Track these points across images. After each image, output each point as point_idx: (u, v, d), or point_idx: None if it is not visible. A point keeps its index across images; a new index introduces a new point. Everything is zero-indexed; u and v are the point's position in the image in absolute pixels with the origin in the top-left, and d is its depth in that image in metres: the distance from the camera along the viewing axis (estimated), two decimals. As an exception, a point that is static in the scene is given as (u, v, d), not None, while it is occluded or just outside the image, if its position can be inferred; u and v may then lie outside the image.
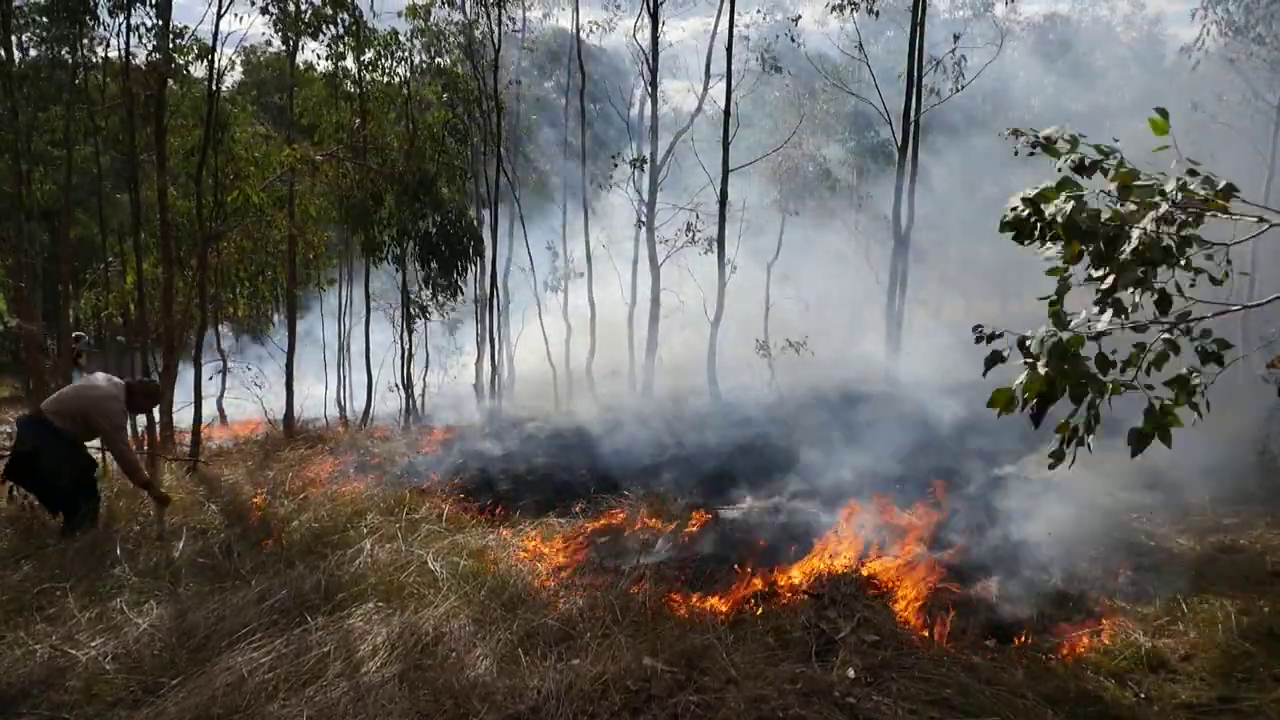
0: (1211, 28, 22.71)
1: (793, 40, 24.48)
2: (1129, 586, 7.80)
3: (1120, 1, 43.89)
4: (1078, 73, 37.78)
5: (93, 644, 6.19)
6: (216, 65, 14.10)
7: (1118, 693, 5.95)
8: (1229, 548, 9.04)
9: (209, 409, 17.22)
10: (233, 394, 19.97)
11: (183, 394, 14.41)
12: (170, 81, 15.01)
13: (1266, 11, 22.34)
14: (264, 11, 14.72)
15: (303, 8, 17.69)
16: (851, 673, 6.02)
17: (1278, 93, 22.22)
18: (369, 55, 18.49)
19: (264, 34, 17.01)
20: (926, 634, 6.69)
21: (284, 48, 18.75)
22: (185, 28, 14.48)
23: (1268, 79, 22.95)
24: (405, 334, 18.47)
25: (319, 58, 19.10)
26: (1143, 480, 10.96)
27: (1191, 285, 4.26)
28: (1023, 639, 6.71)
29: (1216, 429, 12.60)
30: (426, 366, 20.45)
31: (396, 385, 18.94)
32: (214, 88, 14.11)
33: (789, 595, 7.32)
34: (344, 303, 23.07)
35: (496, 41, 20.78)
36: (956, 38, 22.49)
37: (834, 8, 23.45)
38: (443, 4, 21.55)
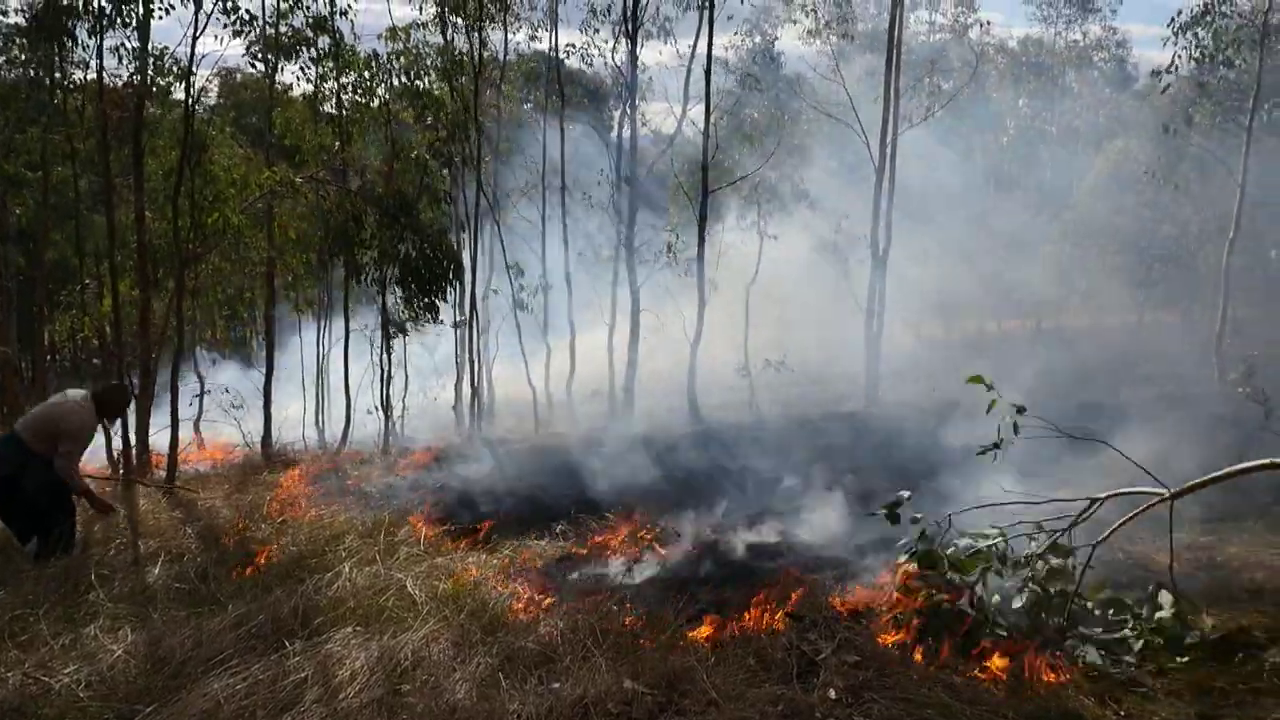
0: (1183, 53, 23.08)
1: (771, 60, 24.69)
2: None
3: (1093, 26, 44.39)
4: (1051, 95, 38.24)
5: (66, 671, 6.11)
6: (193, 86, 14.07)
7: (1098, 711, 5.96)
8: (1207, 564, 9.08)
9: (186, 432, 17.09)
10: (210, 417, 19.83)
11: (159, 417, 14.29)
12: (149, 103, 14.98)
13: (1235, 37, 22.71)
14: (236, 34, 14.72)
15: (282, 30, 17.72)
16: (833, 694, 6.02)
17: (1248, 115, 22.55)
18: (350, 77, 18.51)
19: (243, 55, 17.01)
20: (908, 653, 6.70)
21: (263, 69, 18.73)
22: (164, 49, 14.41)
23: (1238, 102, 23.30)
24: (384, 356, 18.41)
25: (299, 79, 19.08)
26: (1120, 503, 10.99)
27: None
28: (1003, 658, 6.72)
29: (1198, 446, 12.73)
30: (405, 388, 20.36)
31: (375, 407, 18.85)
32: (191, 109, 14.08)
33: (770, 617, 7.31)
34: (323, 325, 22.98)
35: (477, 64, 20.84)
36: (933, 63, 22.75)
37: (810, 32, 23.70)
38: (422, 26, 21.65)
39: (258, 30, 16.63)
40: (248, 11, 14.22)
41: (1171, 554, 7.56)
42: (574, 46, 25.81)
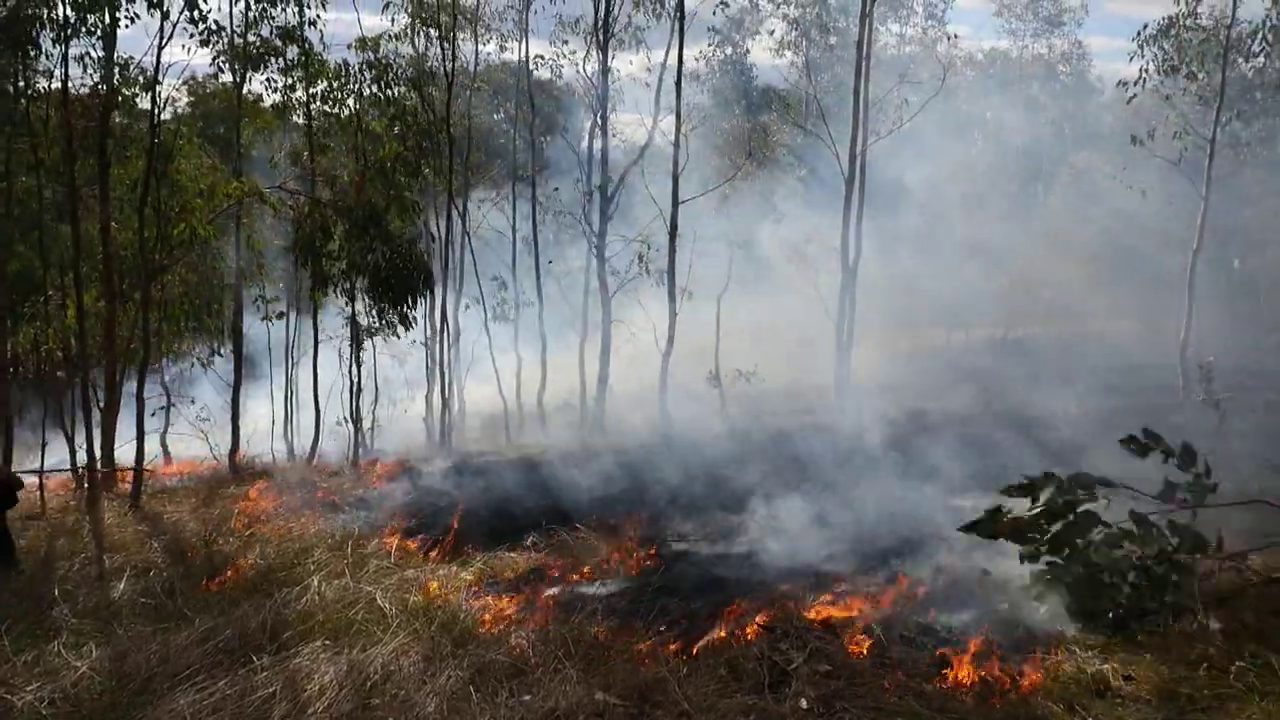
0: (1149, 66, 23.40)
1: (743, 73, 24.81)
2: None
3: (1059, 40, 44.95)
4: (1018, 107, 38.64)
5: (29, 689, 6.02)
6: (159, 96, 13.95)
7: (1066, 718, 6.01)
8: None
9: (153, 446, 16.88)
10: (176, 430, 19.60)
11: (125, 430, 14.12)
12: (115, 113, 14.83)
13: (1198, 51, 23.06)
14: (203, 44, 14.61)
15: (251, 40, 17.59)
16: (804, 703, 6.03)
17: (1210, 127, 22.88)
18: (319, 87, 18.40)
19: (212, 64, 16.83)
20: (877, 663, 6.72)
21: (231, 79, 18.57)
22: (130, 58, 14.29)
23: (1201, 114, 23.64)
24: (354, 367, 18.28)
25: (268, 89, 18.89)
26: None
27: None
28: (973, 667, 6.75)
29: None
30: (375, 400, 20.24)
31: (345, 419, 18.71)
32: (157, 119, 13.96)
33: (741, 628, 7.31)
34: (292, 336, 22.79)
35: (449, 74, 20.79)
36: (902, 76, 22.94)
37: (781, 44, 23.85)
38: (393, 38, 21.58)
39: (225, 40, 16.51)
40: (216, 22, 14.14)
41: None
42: (543, 58, 25.83)
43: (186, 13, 13.50)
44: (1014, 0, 42.96)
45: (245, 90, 18.60)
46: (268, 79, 18.11)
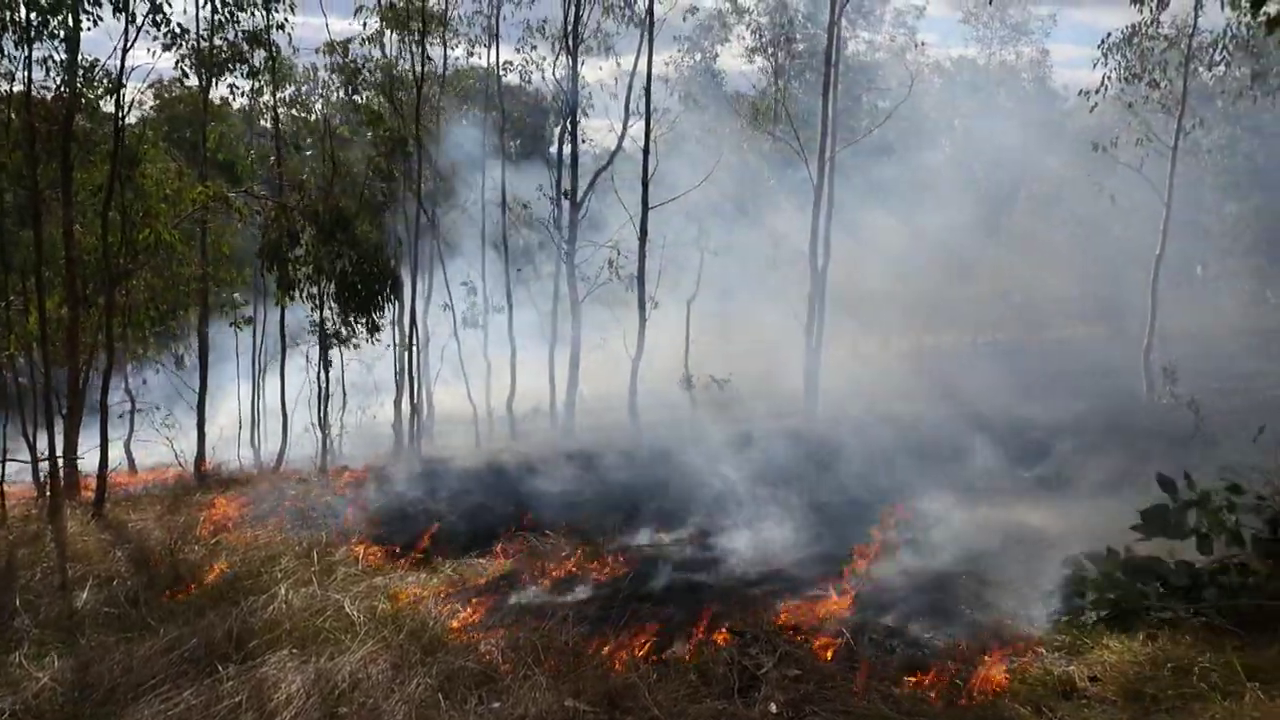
0: (1111, 74, 23.69)
1: (712, 78, 24.87)
2: (1044, 615, 7.96)
3: (1026, 47, 45.41)
4: (985, 114, 38.98)
5: (-12, 700, 5.93)
6: (123, 99, 13.79)
7: (1034, 719, 6.06)
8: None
9: (116, 453, 16.67)
10: (141, 436, 19.37)
11: (88, 437, 13.94)
12: (79, 116, 14.64)
13: (1161, 59, 23.37)
14: (166, 48, 14.46)
15: (217, 44, 17.45)
16: (774, 708, 6.04)
17: (1172, 134, 23.20)
18: (287, 92, 18.31)
19: (174, 68, 16.65)
20: (846, 667, 6.75)
21: (197, 83, 18.41)
22: (95, 61, 14.10)
23: (1163, 121, 23.97)
24: (322, 373, 18.14)
25: (235, 93, 18.75)
26: (1058, 513, 11.24)
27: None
28: (941, 669, 6.79)
29: (1132, 458, 13.01)
30: (344, 406, 20.09)
31: (312, 425, 18.56)
32: (121, 123, 13.80)
33: (712, 633, 7.31)
34: (259, 342, 22.60)
35: (418, 79, 20.71)
36: (870, 84, 23.12)
37: (751, 49, 23.90)
38: (364, 41, 21.50)
39: (189, 44, 16.34)
40: (180, 25, 13.98)
41: None
42: (511, 63, 25.80)
43: (150, 16, 13.33)
44: (981, 8, 43.34)
45: (212, 94, 18.47)
46: (231, 84, 18.01)
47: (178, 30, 14.13)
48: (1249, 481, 8.26)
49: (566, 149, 22.64)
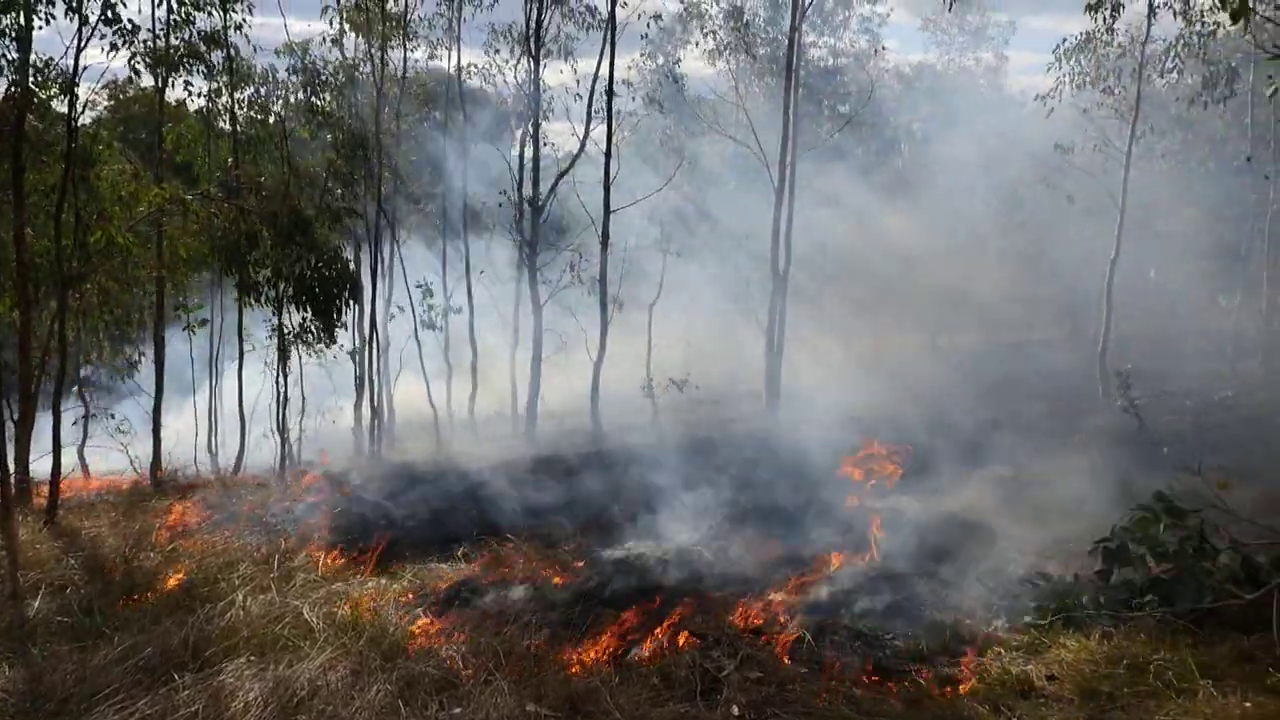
0: (1066, 79, 24.03)
1: (675, 83, 24.93)
2: (1003, 615, 8.05)
3: (984, 53, 45.91)
4: (944, 119, 39.38)
5: (-63, 712, 5.81)
6: (77, 99, 13.57)
7: (992, 718, 6.12)
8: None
9: (70, 459, 16.40)
10: (95, 442, 19.07)
11: (41, 443, 13.70)
12: (30, 116, 14.39)
13: (1115, 66, 23.74)
14: (114, 47, 14.26)
15: (174, 43, 17.24)
16: (736, 710, 6.06)
17: (1125, 140, 23.56)
18: (245, 93, 18.12)
19: (125, 67, 16.35)
20: (808, 669, 6.79)
21: (153, 83, 18.16)
22: (50, 59, 13.87)
23: (1117, 127, 24.34)
24: (280, 377, 17.95)
25: (192, 94, 18.52)
26: (1015, 513, 11.38)
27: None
28: (901, 670, 6.86)
29: (1085, 462, 13.21)
30: (303, 410, 19.90)
31: (271, 430, 18.36)
32: (74, 123, 13.59)
33: (674, 636, 7.32)
34: (216, 345, 22.34)
35: (378, 81, 20.57)
36: (832, 89, 23.29)
37: (712, 53, 23.96)
38: (324, 40, 21.34)
39: (140, 42, 16.11)
40: (130, 22, 13.77)
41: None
42: (475, 66, 25.74)
43: (102, 15, 13.13)
44: (940, 14, 43.80)
45: (169, 95, 18.24)
46: (185, 82, 17.79)
47: (129, 27, 13.94)
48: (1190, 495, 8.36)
49: (529, 152, 22.62)
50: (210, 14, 17.23)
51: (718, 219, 27.77)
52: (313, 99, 20.21)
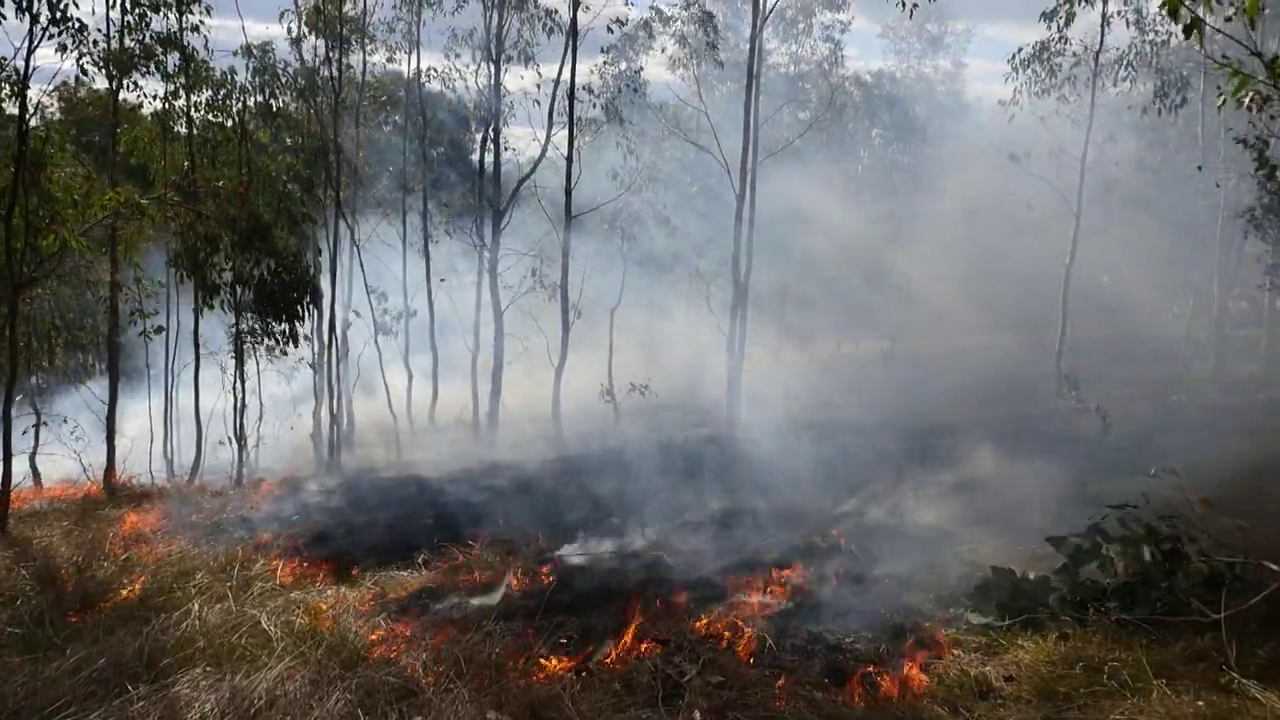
0: (1022, 88, 24.38)
1: (636, 90, 24.97)
2: (961, 617, 8.13)
3: (943, 61, 46.51)
4: (903, 126, 39.77)
5: (-119, 727, 5.68)
6: (28, 101, 13.33)
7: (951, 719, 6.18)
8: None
9: (21, 466, 16.11)
10: (47, 450, 18.74)
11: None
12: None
13: (1070, 74, 24.11)
14: (62, 48, 14.06)
15: (129, 44, 17.00)
16: (697, 715, 6.07)
17: (1081, 148, 23.93)
18: (203, 95, 17.89)
19: (76, 65, 16.03)
20: (769, 673, 6.80)
21: (107, 85, 17.90)
22: (2, 59, 13.64)
23: (1072, 135, 24.73)
24: (238, 383, 17.75)
25: (145, 96, 18.27)
26: (974, 516, 11.49)
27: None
28: (862, 673, 6.89)
29: (1043, 465, 13.37)
30: (261, 417, 19.69)
31: (229, 437, 18.15)
32: (25, 125, 13.36)
33: (635, 641, 7.31)
34: (172, 351, 22.05)
35: (337, 87, 20.42)
36: (793, 96, 23.45)
37: (674, 60, 24.01)
38: (286, 39, 21.16)
39: (91, 43, 15.86)
40: (78, 20, 13.55)
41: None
42: (435, 70, 25.61)
43: (53, 16, 12.91)
44: (900, 21, 44.25)
45: (122, 97, 17.98)
46: (135, 84, 17.55)
47: (77, 26, 13.72)
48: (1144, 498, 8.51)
49: (489, 157, 22.56)
50: (166, 16, 17.01)
51: (679, 225, 27.85)
52: (271, 102, 20.02)
